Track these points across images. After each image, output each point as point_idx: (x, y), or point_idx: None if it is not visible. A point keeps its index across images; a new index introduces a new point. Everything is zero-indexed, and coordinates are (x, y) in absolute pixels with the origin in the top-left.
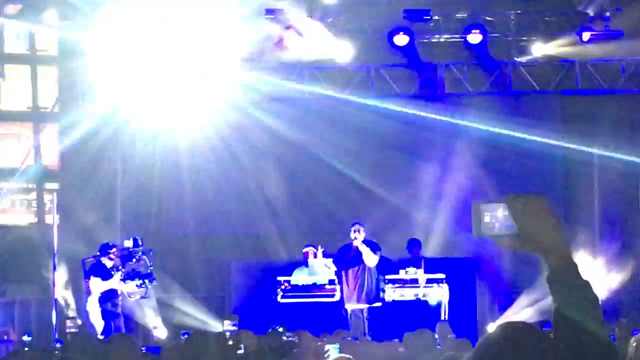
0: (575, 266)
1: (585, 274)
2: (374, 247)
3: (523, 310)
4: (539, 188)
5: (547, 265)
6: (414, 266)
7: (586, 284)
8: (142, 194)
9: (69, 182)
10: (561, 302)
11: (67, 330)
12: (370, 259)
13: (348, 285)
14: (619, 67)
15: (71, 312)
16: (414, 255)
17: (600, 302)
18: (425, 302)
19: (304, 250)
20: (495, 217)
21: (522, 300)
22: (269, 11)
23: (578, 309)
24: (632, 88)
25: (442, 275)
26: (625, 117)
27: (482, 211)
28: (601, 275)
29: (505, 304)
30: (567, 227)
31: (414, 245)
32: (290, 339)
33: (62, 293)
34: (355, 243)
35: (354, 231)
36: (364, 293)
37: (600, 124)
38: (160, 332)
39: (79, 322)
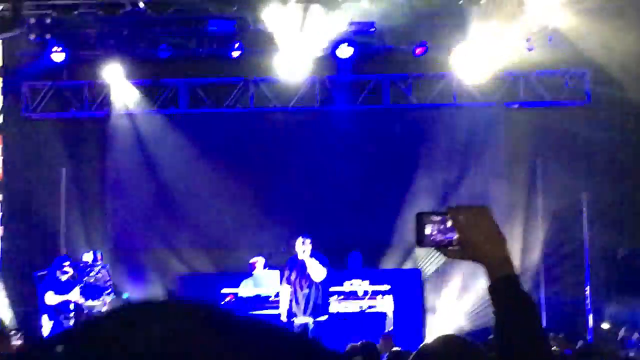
0: (516, 278)
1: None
2: (322, 260)
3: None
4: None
5: (489, 276)
6: (358, 278)
7: (527, 296)
8: (89, 205)
9: (14, 193)
10: (501, 314)
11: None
12: (318, 273)
13: (295, 299)
14: (562, 79)
15: (14, 326)
16: (355, 268)
17: (540, 315)
18: (370, 314)
19: (251, 261)
20: (438, 227)
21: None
22: None
23: (518, 320)
24: (575, 100)
25: (387, 287)
26: (568, 129)
27: (425, 222)
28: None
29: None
30: (508, 238)
31: (355, 258)
32: None
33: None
34: (302, 256)
35: (302, 243)
36: (310, 306)
37: (543, 135)
38: None
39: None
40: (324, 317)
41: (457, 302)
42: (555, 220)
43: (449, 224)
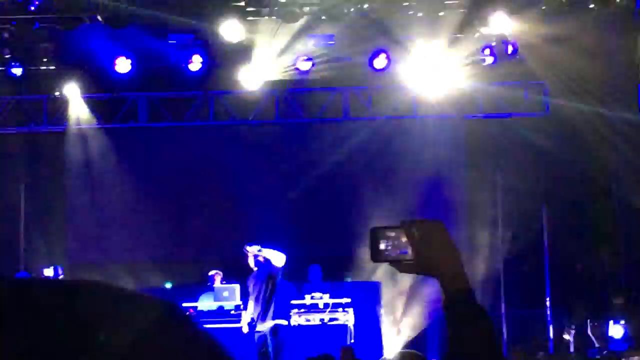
0: (471, 292)
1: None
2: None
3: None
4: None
5: (443, 290)
6: (319, 291)
7: (481, 310)
8: (48, 221)
9: None
10: (456, 328)
11: None
12: (277, 258)
13: (255, 306)
14: (521, 91)
15: None
16: (315, 281)
17: (495, 329)
18: (332, 326)
19: (210, 274)
20: (392, 242)
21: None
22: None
23: (473, 335)
24: (533, 111)
25: (347, 300)
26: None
27: (379, 236)
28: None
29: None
30: (463, 252)
31: (315, 271)
32: None
33: None
34: (250, 261)
35: (248, 247)
36: (270, 312)
37: (503, 146)
38: None
39: None
40: (283, 322)
41: (417, 314)
42: (515, 231)
43: (403, 238)
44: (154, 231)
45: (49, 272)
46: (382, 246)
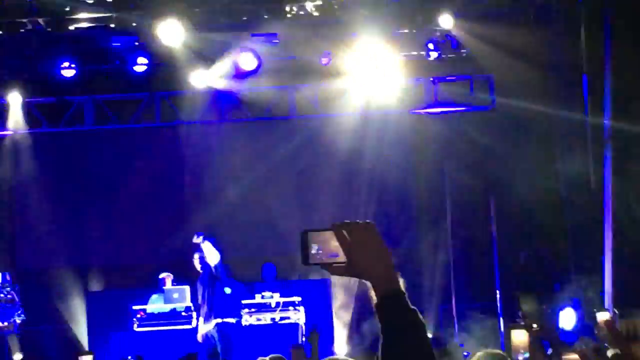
0: (402, 294)
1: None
2: (214, 243)
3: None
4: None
5: (375, 292)
6: (269, 290)
7: (413, 312)
8: None
9: None
10: (388, 330)
11: None
12: (212, 255)
13: (201, 307)
14: (467, 85)
15: None
16: (268, 279)
17: (427, 330)
18: (283, 325)
19: (161, 276)
20: (323, 245)
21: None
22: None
23: (405, 337)
24: (479, 105)
25: (297, 299)
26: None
27: (309, 239)
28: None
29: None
30: (394, 253)
31: (269, 269)
32: None
33: None
34: (197, 241)
35: (196, 237)
36: (210, 312)
37: (450, 141)
38: None
39: None
40: (232, 320)
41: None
42: (464, 225)
43: (334, 241)
44: (102, 235)
45: None
46: (313, 249)
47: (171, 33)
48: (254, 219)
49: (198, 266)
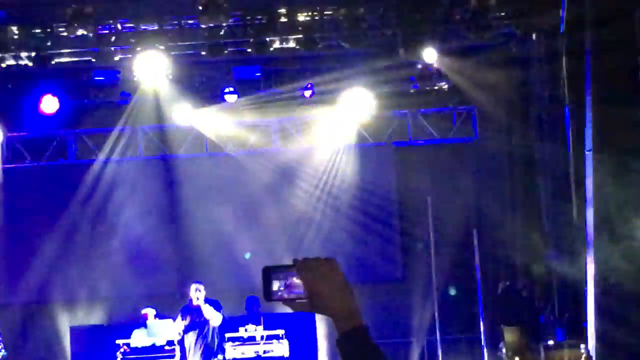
0: (364, 329)
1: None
2: (216, 306)
3: None
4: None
5: (337, 328)
6: (253, 323)
7: (375, 347)
8: None
9: None
10: None
11: None
12: (215, 318)
13: (189, 346)
14: (450, 117)
15: None
16: (252, 312)
17: None
18: (266, 358)
19: (143, 312)
20: (285, 281)
21: None
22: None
23: None
24: (462, 137)
25: (281, 331)
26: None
27: (271, 276)
28: None
29: None
30: (356, 289)
31: (252, 302)
32: None
33: None
34: (196, 302)
35: (196, 290)
36: (205, 352)
37: (433, 172)
38: None
39: None
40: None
41: None
42: (447, 257)
43: (296, 278)
44: (84, 270)
45: None
46: (275, 286)
47: (153, 67)
48: (238, 250)
49: (195, 300)
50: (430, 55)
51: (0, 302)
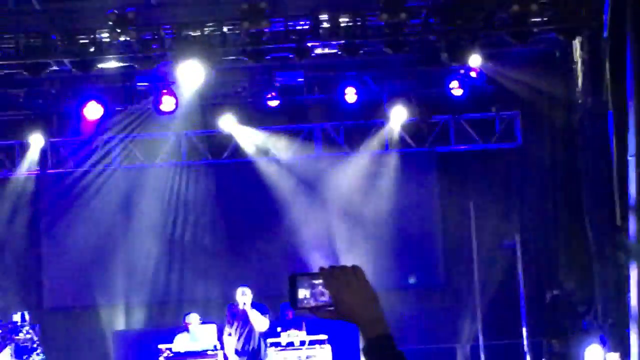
0: (390, 338)
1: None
2: (263, 310)
3: None
4: (418, 244)
5: (362, 336)
6: (295, 328)
7: (399, 356)
8: (20, 266)
9: None
10: None
11: None
12: (261, 323)
13: (238, 350)
14: (493, 122)
15: None
16: (285, 318)
17: None
18: None
19: (187, 320)
20: (311, 289)
21: None
22: None
23: None
24: (505, 143)
25: (324, 337)
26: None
27: (298, 283)
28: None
29: None
30: (398, 295)
31: (286, 308)
32: None
33: None
34: (243, 307)
35: (242, 294)
36: (250, 357)
37: (475, 178)
38: None
39: None
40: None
41: None
42: (489, 263)
43: (322, 285)
44: (127, 273)
45: (16, 317)
46: (301, 294)
47: (194, 73)
48: (279, 256)
49: (241, 304)
50: (474, 60)
51: (44, 306)
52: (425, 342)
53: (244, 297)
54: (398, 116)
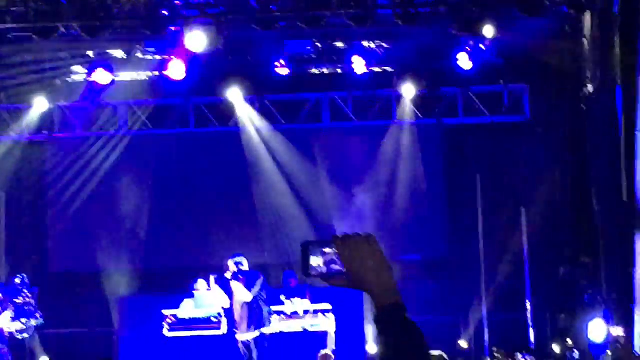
0: (402, 307)
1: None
2: (253, 277)
3: None
4: (423, 216)
5: (375, 304)
6: (299, 296)
7: (412, 325)
8: (26, 229)
9: None
10: (386, 343)
11: None
12: (243, 295)
13: (235, 315)
14: (501, 95)
15: None
16: (288, 286)
17: (425, 343)
18: (312, 333)
19: (195, 286)
20: (323, 257)
21: None
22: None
23: (403, 349)
24: (513, 115)
25: (328, 306)
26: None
27: (310, 251)
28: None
29: None
30: (402, 266)
31: (289, 276)
32: None
33: None
34: (228, 276)
35: (235, 264)
36: (250, 322)
37: (482, 151)
38: None
39: None
40: (263, 330)
41: None
42: (495, 236)
43: (335, 253)
44: (133, 238)
45: (17, 280)
46: (313, 261)
47: (204, 40)
48: (283, 224)
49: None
50: (488, 30)
51: (49, 270)
52: (429, 314)
53: (234, 266)
54: (406, 88)
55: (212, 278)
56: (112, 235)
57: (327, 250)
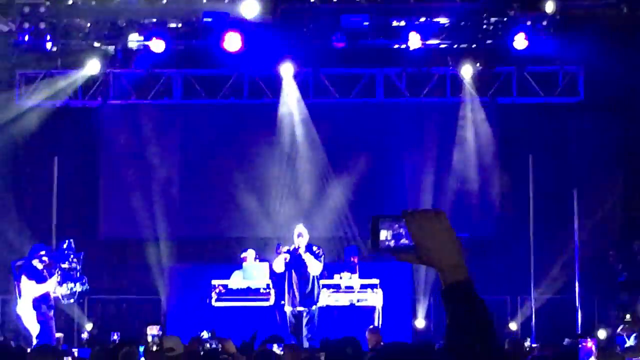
0: (470, 283)
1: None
2: (316, 254)
3: None
4: (474, 194)
5: (442, 281)
6: (348, 271)
7: (480, 302)
8: (77, 195)
9: (3, 181)
10: (454, 319)
11: None
12: (314, 267)
13: (290, 288)
14: (556, 76)
15: None
16: (349, 262)
17: (492, 321)
18: (359, 307)
19: (242, 255)
20: (393, 232)
21: None
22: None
23: (471, 326)
24: (568, 97)
25: (376, 281)
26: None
27: (380, 226)
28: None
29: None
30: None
31: (352, 252)
32: (213, 346)
33: None
34: (299, 251)
35: (298, 235)
36: (305, 297)
37: (535, 131)
38: (91, 335)
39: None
40: (315, 307)
41: None
42: (546, 217)
43: (404, 228)
44: (185, 209)
45: (63, 245)
46: (383, 236)
47: (260, 11)
48: (343, 198)
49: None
50: (549, 6)
51: (99, 237)
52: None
53: (300, 238)
54: (461, 65)
55: (252, 254)
56: (162, 204)
57: (396, 224)
